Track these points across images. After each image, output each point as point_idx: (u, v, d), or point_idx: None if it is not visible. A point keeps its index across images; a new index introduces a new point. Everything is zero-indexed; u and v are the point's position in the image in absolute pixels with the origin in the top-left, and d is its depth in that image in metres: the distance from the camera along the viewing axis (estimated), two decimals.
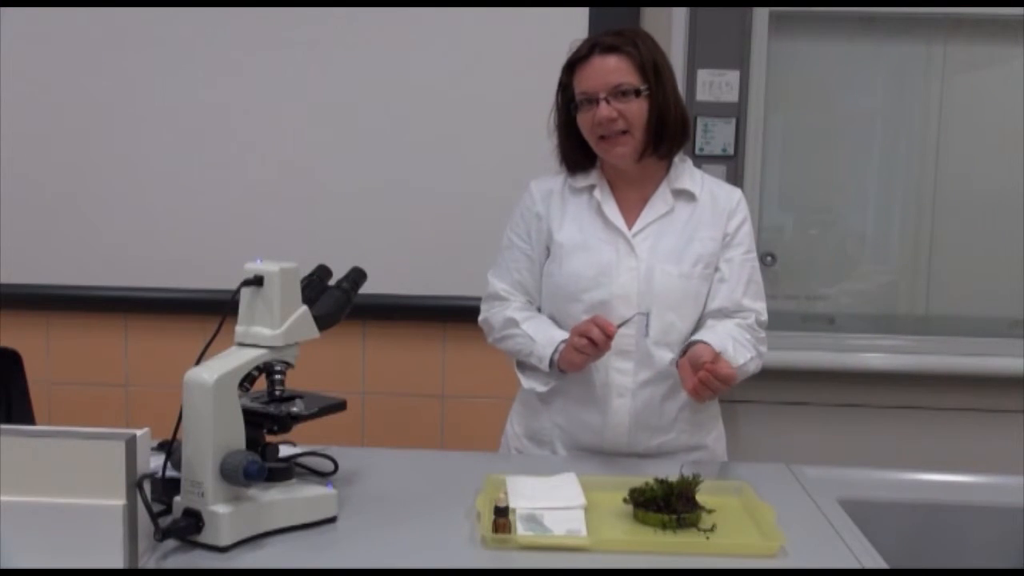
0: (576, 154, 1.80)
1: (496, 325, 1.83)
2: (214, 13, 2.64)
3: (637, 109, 1.69)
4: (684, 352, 1.68)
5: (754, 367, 1.76)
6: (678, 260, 1.74)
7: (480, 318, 1.88)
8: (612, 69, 1.69)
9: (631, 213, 1.77)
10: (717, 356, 1.60)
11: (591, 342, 1.60)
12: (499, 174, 2.60)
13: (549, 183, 1.84)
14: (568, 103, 1.76)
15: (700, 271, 1.75)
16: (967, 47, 2.77)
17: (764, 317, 1.79)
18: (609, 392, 1.74)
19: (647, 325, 1.71)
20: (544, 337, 1.74)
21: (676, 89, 1.75)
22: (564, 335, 1.72)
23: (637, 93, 1.69)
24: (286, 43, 2.66)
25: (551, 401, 1.81)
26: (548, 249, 1.81)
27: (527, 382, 1.82)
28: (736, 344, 1.71)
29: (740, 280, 1.77)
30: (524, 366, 1.83)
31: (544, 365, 1.74)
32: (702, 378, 1.56)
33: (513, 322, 1.79)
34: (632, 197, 1.78)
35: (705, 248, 1.75)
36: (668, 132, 1.73)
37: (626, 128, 1.69)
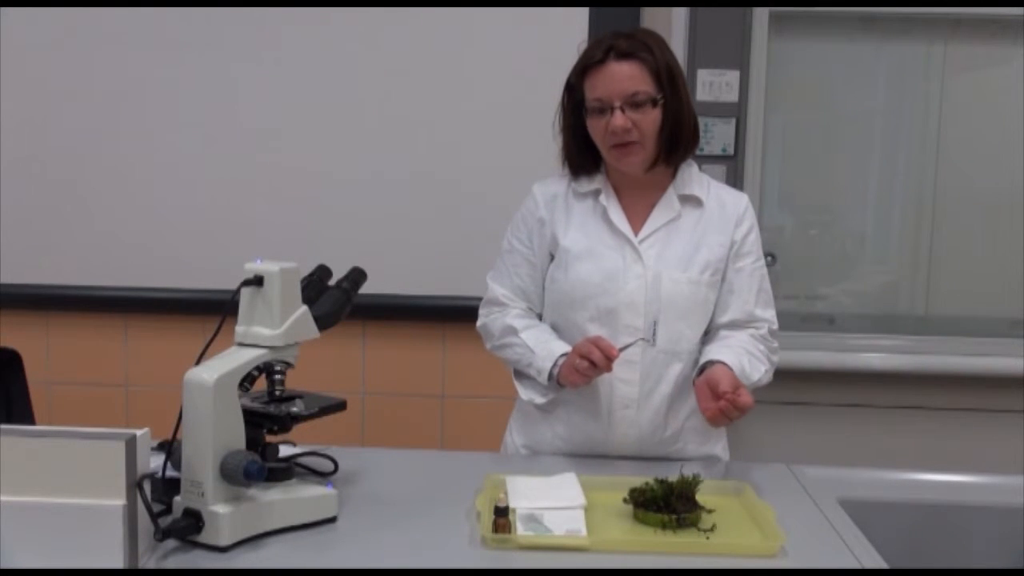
0: (582, 157, 1.75)
1: (495, 332, 1.79)
2: (213, 13, 2.64)
3: (652, 119, 1.65)
4: (701, 370, 1.64)
5: (767, 379, 1.74)
6: (686, 267, 1.70)
7: (478, 323, 1.84)
8: (627, 76, 1.64)
9: (637, 219, 1.73)
10: (738, 385, 1.56)
11: (592, 364, 1.58)
12: (499, 173, 2.60)
13: (552, 187, 1.80)
14: (576, 105, 1.71)
15: (708, 278, 1.71)
16: (967, 47, 2.77)
17: (775, 325, 1.77)
18: (613, 403, 1.70)
19: (654, 335, 1.68)
20: (544, 350, 1.71)
21: (688, 95, 1.70)
22: (564, 348, 1.69)
23: (654, 103, 1.65)
24: (287, 43, 2.66)
25: (552, 411, 1.77)
26: (551, 255, 1.77)
27: (525, 393, 1.78)
28: (751, 359, 1.69)
29: (752, 290, 1.74)
30: (522, 376, 1.79)
31: (543, 378, 1.70)
32: (722, 408, 1.53)
33: (512, 330, 1.75)
34: (638, 202, 1.74)
35: (713, 254, 1.72)
36: (681, 141, 1.70)
37: (639, 138, 1.66)
